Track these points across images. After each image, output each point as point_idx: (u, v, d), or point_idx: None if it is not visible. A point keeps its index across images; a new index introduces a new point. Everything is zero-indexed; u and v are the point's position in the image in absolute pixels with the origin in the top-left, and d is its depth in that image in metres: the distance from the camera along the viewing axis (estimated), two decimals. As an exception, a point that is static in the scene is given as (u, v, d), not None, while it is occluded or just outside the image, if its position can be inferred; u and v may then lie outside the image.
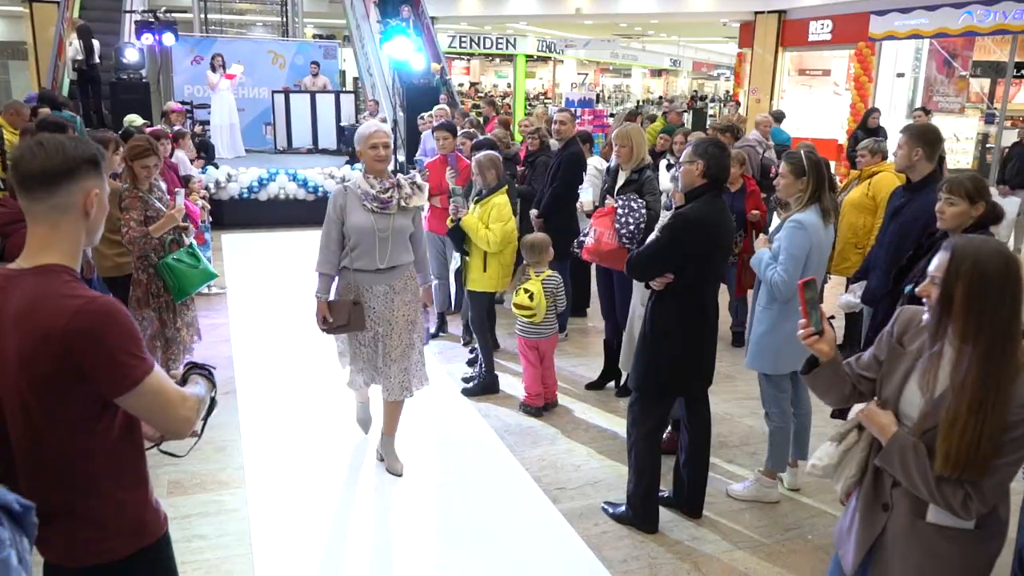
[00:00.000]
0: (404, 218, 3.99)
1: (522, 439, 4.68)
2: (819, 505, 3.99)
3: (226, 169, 10.67)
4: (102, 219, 1.82)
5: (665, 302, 3.52)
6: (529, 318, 4.89)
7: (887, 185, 5.51)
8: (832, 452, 2.20)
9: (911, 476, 1.96)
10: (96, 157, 1.76)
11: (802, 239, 3.63)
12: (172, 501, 3.89)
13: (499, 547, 3.58)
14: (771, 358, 3.79)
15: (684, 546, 3.62)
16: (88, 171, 1.73)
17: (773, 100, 18.59)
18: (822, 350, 2.16)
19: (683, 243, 3.43)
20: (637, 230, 4.66)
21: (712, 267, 3.62)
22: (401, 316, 4.04)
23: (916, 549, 2.03)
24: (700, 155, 3.42)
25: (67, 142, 1.73)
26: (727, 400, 5.31)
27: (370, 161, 3.92)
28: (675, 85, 38.87)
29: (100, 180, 1.78)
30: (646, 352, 3.58)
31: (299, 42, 16.49)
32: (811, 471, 2.26)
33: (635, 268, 3.61)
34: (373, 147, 3.88)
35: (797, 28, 18.07)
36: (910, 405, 2.04)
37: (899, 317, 2.15)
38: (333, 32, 24.57)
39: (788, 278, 3.62)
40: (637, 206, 4.77)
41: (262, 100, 14.42)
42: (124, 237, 4.49)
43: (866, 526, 2.14)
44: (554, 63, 32.17)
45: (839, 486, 2.22)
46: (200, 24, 16.54)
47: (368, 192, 3.89)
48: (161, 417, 1.78)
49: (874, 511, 2.14)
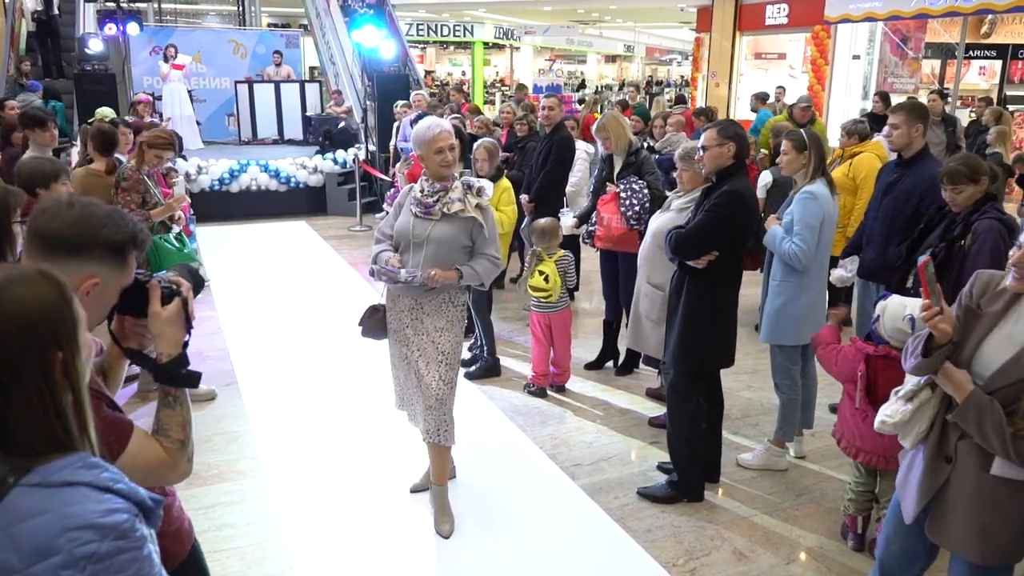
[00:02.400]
0: (450, 227, 3.39)
1: (531, 419, 4.76)
2: (825, 471, 4.15)
3: (196, 161, 10.50)
4: (95, 312, 1.58)
5: (708, 279, 3.58)
6: (545, 298, 4.97)
7: (868, 165, 5.70)
8: (904, 409, 2.31)
9: (985, 432, 2.08)
10: (123, 245, 1.57)
11: (815, 208, 3.75)
12: (193, 492, 3.88)
13: (524, 524, 3.65)
14: (792, 330, 3.91)
15: (704, 514, 3.74)
16: (101, 257, 1.55)
17: (732, 84, 18.90)
18: (945, 329, 2.15)
19: (733, 219, 3.50)
20: (643, 210, 4.76)
21: (746, 242, 3.71)
22: (431, 345, 3.45)
23: (980, 500, 2.16)
24: (731, 137, 3.51)
25: (99, 217, 1.56)
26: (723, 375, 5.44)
27: (435, 167, 3.39)
28: (628, 71, 39.16)
29: (110, 271, 1.57)
30: (690, 332, 3.64)
31: (261, 31, 16.26)
32: (880, 427, 2.38)
33: (685, 247, 3.56)
34: (439, 151, 3.36)
35: (754, 12, 18.35)
36: (983, 366, 2.15)
37: (977, 280, 2.25)
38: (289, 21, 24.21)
39: (806, 247, 3.73)
40: (639, 187, 4.89)
41: (224, 90, 14.19)
42: None
43: (930, 477, 2.27)
44: (511, 50, 32.15)
45: (908, 440, 2.35)
46: (154, 13, 16.17)
47: (416, 195, 3.46)
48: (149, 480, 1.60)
49: (937, 463, 2.26)
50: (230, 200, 10.61)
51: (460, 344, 3.56)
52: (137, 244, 1.62)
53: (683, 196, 4.22)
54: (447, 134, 3.37)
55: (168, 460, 1.67)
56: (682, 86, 25.00)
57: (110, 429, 1.57)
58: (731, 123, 3.69)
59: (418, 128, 3.44)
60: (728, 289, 3.64)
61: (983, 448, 2.14)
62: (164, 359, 1.68)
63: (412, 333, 3.48)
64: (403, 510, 3.76)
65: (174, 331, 1.68)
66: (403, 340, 3.52)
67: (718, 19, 19.00)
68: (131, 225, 1.61)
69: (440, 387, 3.45)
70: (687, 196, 4.17)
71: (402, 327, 3.52)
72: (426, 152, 3.40)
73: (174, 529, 1.87)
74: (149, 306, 1.67)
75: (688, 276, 3.62)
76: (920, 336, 2.24)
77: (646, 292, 4.45)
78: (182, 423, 1.70)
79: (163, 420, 1.70)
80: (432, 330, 3.46)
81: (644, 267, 4.48)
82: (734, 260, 3.60)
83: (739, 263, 3.67)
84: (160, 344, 1.68)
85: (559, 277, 4.96)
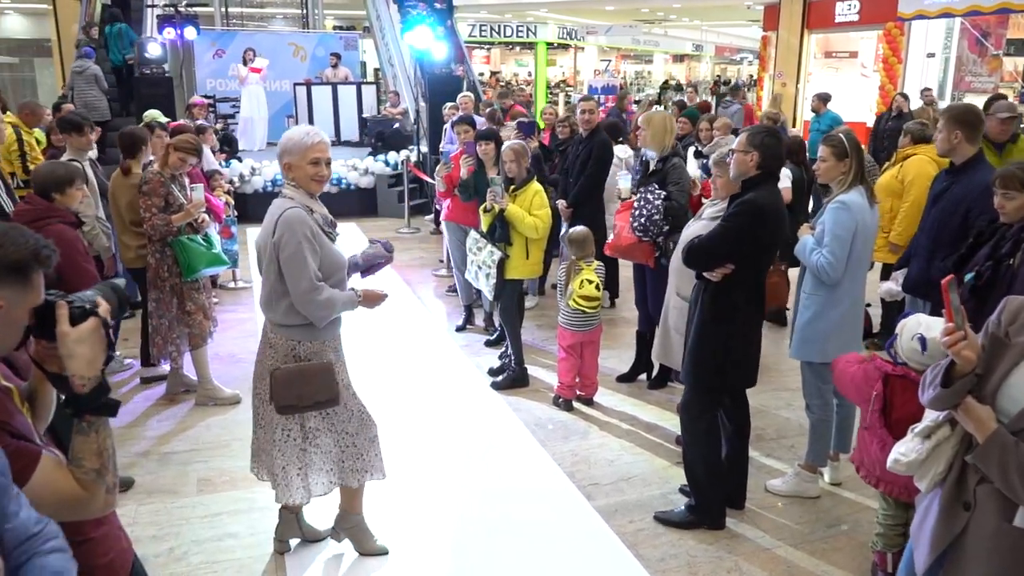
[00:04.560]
0: None
1: (553, 433, 4.60)
2: (861, 500, 3.88)
3: (250, 163, 10.66)
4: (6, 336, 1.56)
5: (724, 295, 3.38)
6: (595, 308, 4.80)
7: (918, 169, 5.38)
8: (920, 447, 2.10)
9: (1009, 477, 1.84)
10: (23, 264, 1.51)
11: (847, 219, 3.50)
12: (202, 499, 3.87)
13: (533, 545, 3.50)
14: (819, 345, 3.67)
15: (723, 543, 3.52)
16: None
17: (799, 84, 18.31)
18: (968, 357, 1.90)
19: (750, 231, 3.29)
20: (649, 222, 4.57)
21: (769, 257, 3.51)
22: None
23: (1000, 553, 1.92)
24: (756, 146, 3.29)
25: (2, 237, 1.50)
26: (762, 392, 5.16)
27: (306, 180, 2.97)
28: (697, 70, 38.47)
29: (11, 292, 1.51)
30: (703, 345, 3.46)
31: (320, 34, 16.46)
32: (893, 467, 2.16)
33: (696, 257, 3.40)
34: (314, 163, 2.94)
35: (823, 9, 17.74)
36: (1010, 400, 1.90)
37: (1007, 306, 2.00)
38: (353, 23, 24.52)
39: (835, 260, 3.50)
40: (652, 197, 4.68)
41: (284, 93, 14.39)
42: (146, 223, 4.49)
43: (945, 524, 2.03)
44: (575, 50, 31.91)
45: (924, 483, 2.12)
46: (221, 17, 16.53)
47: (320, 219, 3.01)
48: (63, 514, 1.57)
49: (954, 509, 2.03)
50: (283, 201, 10.70)
51: None
52: (40, 261, 1.54)
53: (716, 204, 4.01)
54: (326, 146, 2.97)
55: (80, 492, 1.59)
56: (749, 86, 24.31)
57: (10, 459, 1.49)
58: (763, 130, 3.44)
59: (292, 132, 3.00)
60: (746, 304, 3.40)
61: (1006, 495, 1.90)
62: (78, 381, 1.59)
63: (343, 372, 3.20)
64: (404, 535, 3.63)
65: (85, 351, 1.59)
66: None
67: (786, 16, 18.46)
68: (31, 242, 1.53)
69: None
70: (720, 204, 3.95)
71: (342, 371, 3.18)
72: (297, 160, 2.93)
73: (106, 561, 1.79)
74: (57, 326, 1.59)
75: (704, 288, 3.42)
76: (941, 364, 2.00)
77: (675, 304, 4.24)
78: (98, 451, 1.61)
79: (76, 448, 1.61)
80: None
81: (674, 278, 4.28)
82: (753, 274, 3.38)
83: (759, 277, 3.43)
84: (72, 366, 1.59)
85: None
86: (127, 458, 4.24)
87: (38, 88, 23.72)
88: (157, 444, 4.42)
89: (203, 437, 4.50)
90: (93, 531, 1.77)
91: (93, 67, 10.47)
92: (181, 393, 5.04)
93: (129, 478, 3.98)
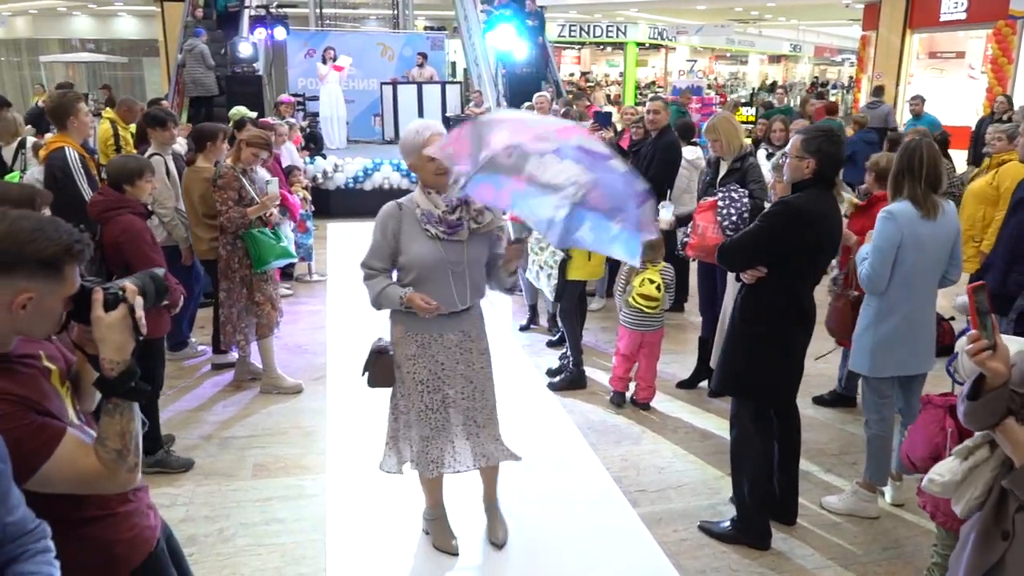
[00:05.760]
0: (479, 243, 3.08)
1: (605, 437, 4.54)
2: (924, 523, 3.66)
3: (333, 159, 10.95)
4: (38, 324, 1.62)
5: (757, 298, 3.28)
6: (654, 309, 4.74)
7: (1013, 174, 5.04)
8: (956, 468, 1.99)
9: None
10: (55, 259, 1.57)
11: (891, 230, 3.33)
12: (255, 483, 3.99)
13: (571, 548, 3.47)
14: (867, 358, 3.52)
15: (768, 559, 3.40)
16: (30, 272, 1.55)
17: (899, 85, 17.52)
18: (996, 369, 1.74)
19: (781, 235, 3.16)
20: (740, 220, 4.43)
21: (813, 265, 3.33)
22: (481, 371, 3.22)
23: None
24: (812, 152, 3.13)
25: (26, 232, 1.55)
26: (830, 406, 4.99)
27: (430, 177, 2.97)
28: (795, 72, 37.30)
29: (42, 284, 1.57)
30: (730, 348, 3.38)
31: (408, 34, 16.74)
32: (927, 487, 2.05)
33: (726, 255, 3.33)
34: (431, 158, 2.89)
35: (928, 7, 16.93)
36: None
37: None
38: (443, 24, 24.87)
39: (873, 272, 3.35)
40: (738, 196, 4.55)
41: (371, 91, 14.71)
42: (222, 216, 4.66)
43: (980, 553, 1.90)
44: (666, 51, 31.46)
45: (959, 507, 2.01)
46: (315, 18, 17.03)
47: (429, 215, 2.98)
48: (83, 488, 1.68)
49: (991, 538, 1.89)
50: (363, 197, 10.95)
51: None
52: (73, 255, 1.61)
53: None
54: (440, 137, 2.91)
55: (100, 470, 1.66)
56: (847, 88, 23.44)
57: (30, 436, 1.57)
58: (821, 135, 3.23)
59: (406, 131, 3.03)
60: (778, 312, 3.24)
61: None
62: (107, 365, 1.67)
63: (464, 368, 3.16)
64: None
65: (116, 337, 1.67)
66: (441, 383, 3.14)
67: (887, 15, 17.72)
68: (64, 238, 1.59)
69: (492, 398, 3.27)
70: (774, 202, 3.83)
71: (439, 370, 3.13)
72: (416, 159, 2.95)
73: (129, 536, 1.86)
74: (91, 312, 1.66)
75: (739, 290, 3.32)
76: (971, 377, 1.86)
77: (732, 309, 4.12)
78: (120, 432, 1.68)
79: (102, 428, 1.69)
80: (478, 355, 3.20)
81: (732, 283, 4.16)
82: (788, 280, 3.22)
83: (797, 284, 3.26)
84: (103, 350, 1.67)
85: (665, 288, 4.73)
86: (191, 441, 4.42)
87: (146, 86, 25.01)
88: (220, 429, 4.58)
89: (263, 424, 4.65)
90: (119, 506, 1.83)
91: (201, 45, 11.00)
92: (247, 380, 5.22)
93: (190, 460, 4.15)
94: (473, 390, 3.20)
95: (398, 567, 3.34)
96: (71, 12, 27.27)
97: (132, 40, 27.77)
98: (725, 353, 3.42)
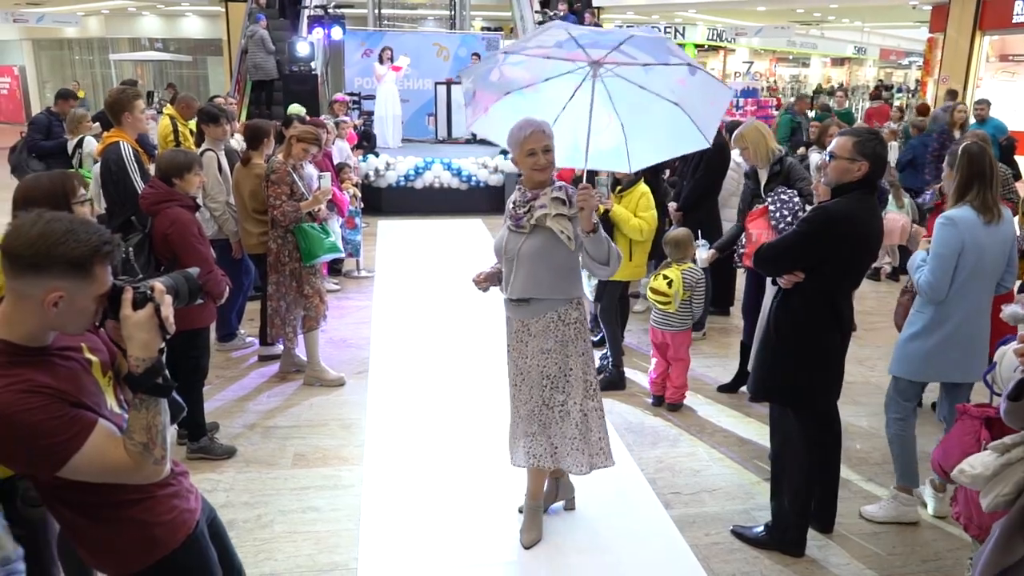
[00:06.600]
0: (540, 240, 3.10)
1: (642, 438, 4.52)
2: (967, 536, 3.54)
3: (385, 158, 11.10)
4: (72, 321, 1.70)
5: (793, 303, 3.22)
6: (663, 305, 4.73)
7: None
8: (989, 463, 1.97)
9: None
10: (85, 260, 1.64)
11: (951, 237, 3.25)
12: (294, 472, 4.08)
13: (601, 548, 3.46)
14: (914, 364, 3.46)
15: (802, 566, 3.34)
16: (61, 271, 1.62)
17: (967, 89, 16.96)
18: None
19: (820, 240, 3.09)
20: (795, 219, 4.35)
21: (852, 271, 3.25)
22: (535, 367, 3.22)
23: None
24: (867, 156, 3.05)
25: (58, 234, 1.62)
26: (875, 413, 4.87)
27: (528, 172, 3.13)
28: (859, 75, 36.41)
29: (72, 283, 1.64)
30: (761, 351, 3.33)
31: (463, 34, 16.86)
32: (957, 476, 2.03)
33: (763, 260, 3.26)
34: (531, 154, 3.05)
35: (1000, 8, 16.36)
36: None
37: None
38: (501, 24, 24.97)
39: (934, 279, 3.27)
40: (788, 196, 4.48)
41: (426, 91, 14.87)
42: (275, 210, 4.78)
43: (999, 552, 1.86)
44: (725, 52, 31.06)
45: (986, 501, 1.99)
46: (374, 19, 17.29)
47: (510, 207, 3.21)
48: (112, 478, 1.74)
49: (1013, 539, 1.86)
50: (414, 196, 11.10)
51: (573, 367, 3.22)
52: (102, 256, 1.67)
53: None
54: (541, 134, 3.02)
55: (128, 462, 1.72)
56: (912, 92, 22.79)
57: (63, 427, 1.63)
58: (874, 138, 3.15)
59: (512, 127, 3.12)
60: (815, 320, 3.16)
61: None
62: (133, 362, 1.73)
63: (516, 356, 3.27)
64: (482, 524, 3.67)
65: (142, 335, 1.73)
66: (511, 367, 3.33)
67: (955, 16, 17.17)
68: (94, 239, 1.65)
69: (543, 412, 3.25)
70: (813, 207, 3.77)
71: (511, 354, 3.33)
72: (518, 155, 3.10)
73: (168, 519, 1.92)
74: (120, 310, 1.73)
75: (776, 294, 3.27)
76: (1016, 378, 1.86)
77: (772, 314, 4.07)
78: (146, 427, 1.73)
79: (130, 422, 1.75)
80: (537, 353, 3.20)
81: (771, 287, 4.09)
82: (824, 287, 3.14)
83: (834, 291, 3.17)
84: (130, 347, 1.73)
85: (682, 288, 4.68)
86: (235, 429, 4.54)
87: (210, 84, 25.70)
88: (263, 418, 4.70)
89: (304, 415, 4.75)
90: (158, 490, 1.90)
91: (261, 31, 11.34)
92: (292, 372, 5.33)
93: (232, 447, 4.26)
94: (521, 381, 3.28)
95: (428, 560, 3.38)
96: (140, 12, 28.23)
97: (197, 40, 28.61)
98: (760, 357, 3.37)
